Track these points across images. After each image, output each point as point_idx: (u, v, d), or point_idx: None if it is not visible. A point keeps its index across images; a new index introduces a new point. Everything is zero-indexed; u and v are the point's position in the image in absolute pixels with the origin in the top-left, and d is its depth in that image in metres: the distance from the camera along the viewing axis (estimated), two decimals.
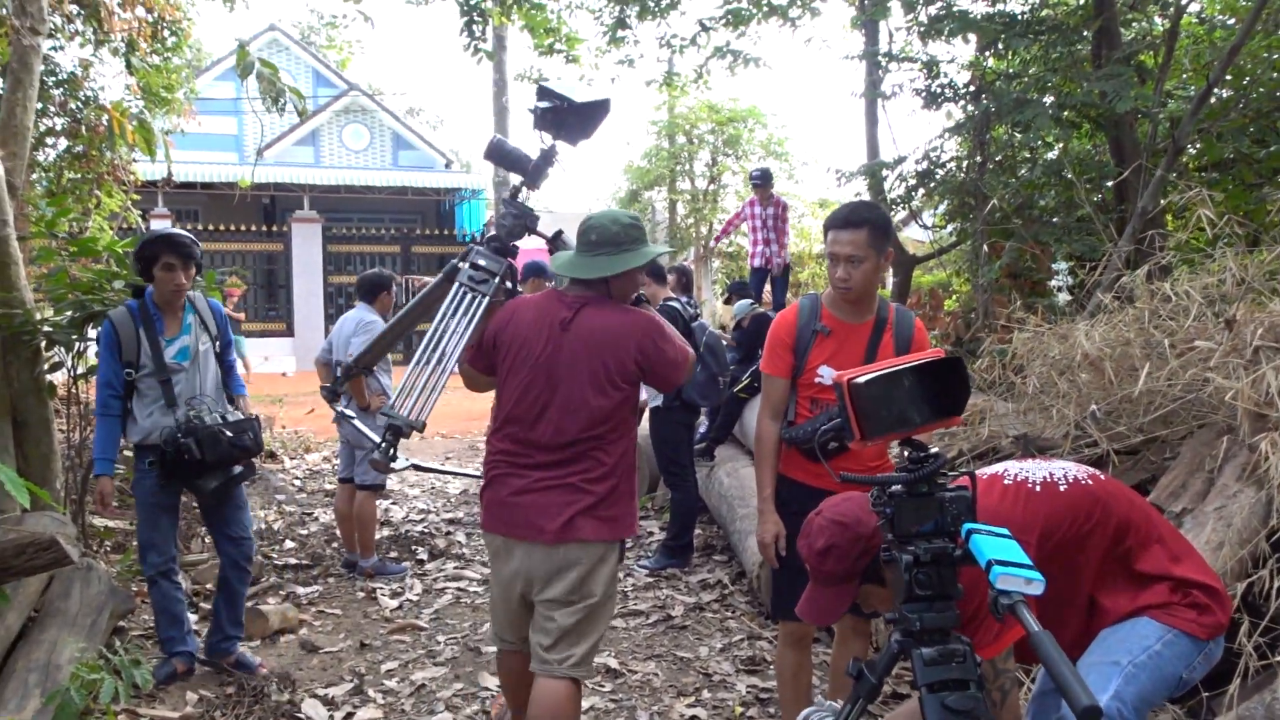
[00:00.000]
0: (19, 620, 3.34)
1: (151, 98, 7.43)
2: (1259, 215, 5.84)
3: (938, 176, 7.69)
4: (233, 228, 17.02)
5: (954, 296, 8.85)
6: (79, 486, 4.78)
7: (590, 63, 10.60)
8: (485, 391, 2.94)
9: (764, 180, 9.54)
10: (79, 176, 7.21)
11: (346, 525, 5.42)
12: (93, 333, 4.43)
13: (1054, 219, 6.68)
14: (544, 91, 2.76)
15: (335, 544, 5.86)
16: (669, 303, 5.08)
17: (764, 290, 9.39)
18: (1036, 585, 1.53)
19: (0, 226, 4.24)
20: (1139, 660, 1.95)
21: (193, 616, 4.07)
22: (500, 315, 2.78)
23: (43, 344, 4.45)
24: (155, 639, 3.95)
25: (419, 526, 6.43)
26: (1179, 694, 2.09)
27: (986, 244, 6.73)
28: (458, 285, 2.77)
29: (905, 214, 8.82)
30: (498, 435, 2.77)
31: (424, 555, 5.73)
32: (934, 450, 1.81)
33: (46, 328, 4.41)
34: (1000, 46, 7.01)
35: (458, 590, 5.06)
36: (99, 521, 5.09)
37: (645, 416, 5.25)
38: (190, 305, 3.67)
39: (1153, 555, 2.04)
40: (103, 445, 3.47)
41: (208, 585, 4.69)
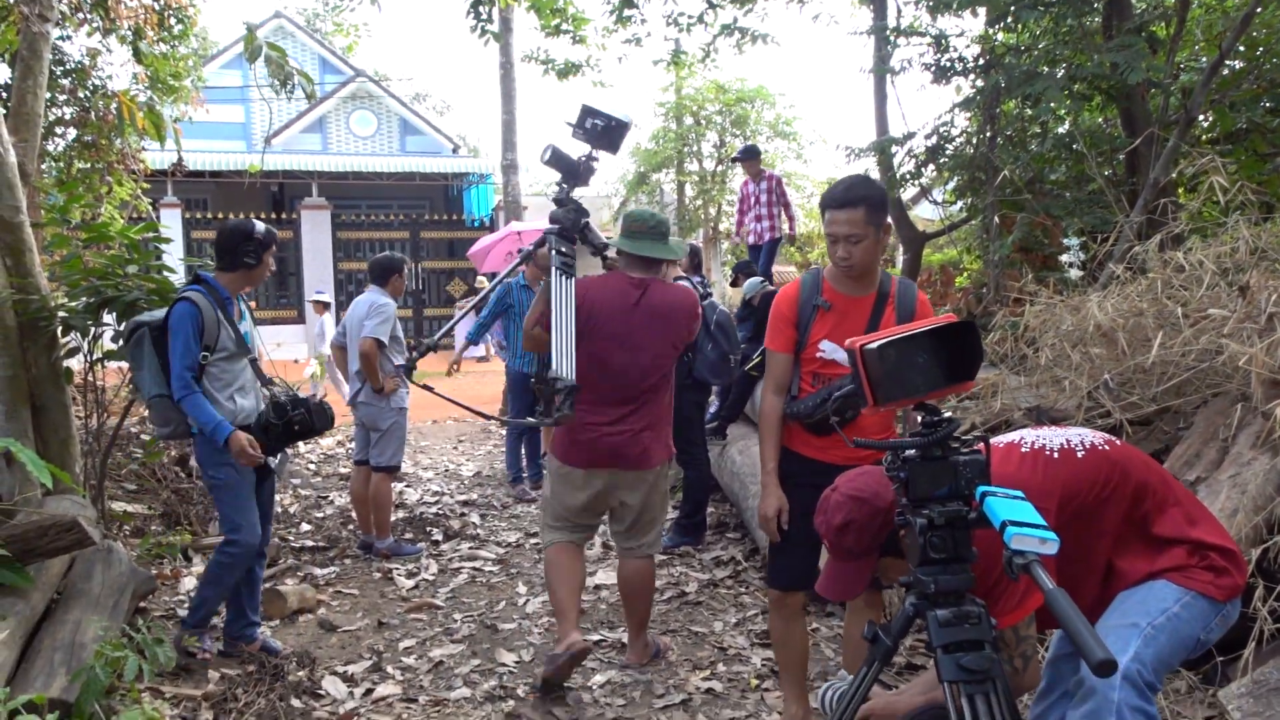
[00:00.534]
0: (43, 601, 3.38)
1: (159, 86, 7.44)
2: (1273, 186, 5.78)
3: (948, 152, 7.62)
4: (242, 216, 17.05)
5: (965, 274, 8.80)
6: (97, 471, 4.82)
7: (597, 43, 10.52)
8: (544, 351, 3.40)
9: (747, 156, 9.36)
10: (89, 165, 7.25)
11: (362, 507, 5.47)
12: (108, 318, 4.46)
13: (1066, 193, 6.62)
14: (590, 110, 3.43)
15: (351, 526, 5.91)
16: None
17: (771, 268, 9.33)
18: (1051, 545, 1.54)
19: (14, 213, 4.26)
20: (1157, 622, 1.95)
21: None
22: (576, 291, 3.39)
23: (59, 330, 4.48)
24: (176, 619, 4.00)
25: (433, 508, 6.47)
26: (1196, 655, 2.10)
27: (998, 216, 6.67)
28: (555, 270, 3.34)
29: (915, 190, 8.75)
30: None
31: (439, 536, 5.77)
32: (947, 414, 1.82)
33: (62, 314, 4.44)
34: (1010, 19, 6.94)
35: (473, 570, 5.10)
36: (118, 506, 5.15)
37: None
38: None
39: (1169, 518, 2.04)
40: (209, 412, 3.47)
41: None
